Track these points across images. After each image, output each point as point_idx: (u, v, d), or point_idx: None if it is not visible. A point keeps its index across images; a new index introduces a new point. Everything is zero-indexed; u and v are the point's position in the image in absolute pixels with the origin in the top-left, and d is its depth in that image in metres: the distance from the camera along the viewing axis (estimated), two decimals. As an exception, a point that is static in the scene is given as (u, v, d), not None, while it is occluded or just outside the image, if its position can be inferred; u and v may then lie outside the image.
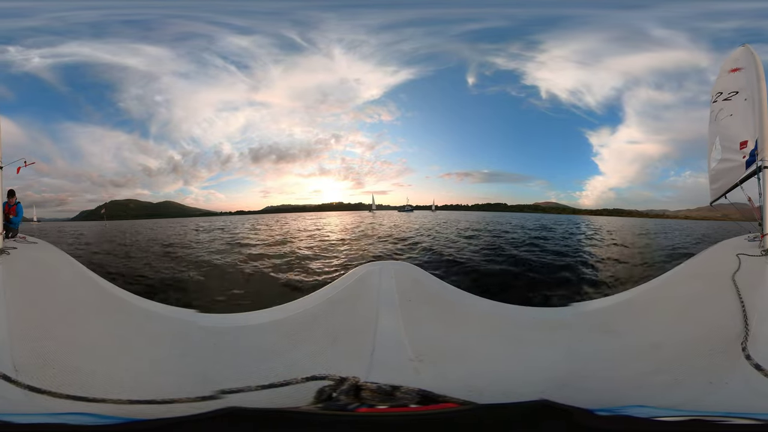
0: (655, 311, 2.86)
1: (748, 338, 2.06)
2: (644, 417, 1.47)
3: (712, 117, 4.76)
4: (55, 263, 3.93)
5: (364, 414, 1.48)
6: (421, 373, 1.96)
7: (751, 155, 3.78)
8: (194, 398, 1.63)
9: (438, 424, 1.49)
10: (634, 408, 1.51)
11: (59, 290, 3.11)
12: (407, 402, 1.52)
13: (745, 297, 2.48)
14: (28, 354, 1.95)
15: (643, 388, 1.87)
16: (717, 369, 1.90)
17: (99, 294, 3.19)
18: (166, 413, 1.55)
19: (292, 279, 9.84)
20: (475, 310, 2.89)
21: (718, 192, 4.63)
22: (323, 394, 1.57)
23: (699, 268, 3.60)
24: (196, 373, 2.01)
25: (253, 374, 1.86)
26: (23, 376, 1.73)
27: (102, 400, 1.59)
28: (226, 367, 2.10)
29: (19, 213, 5.20)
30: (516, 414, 1.58)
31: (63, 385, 1.72)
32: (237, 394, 1.66)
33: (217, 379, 1.80)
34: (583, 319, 2.80)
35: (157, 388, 1.80)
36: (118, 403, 1.59)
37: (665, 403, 1.68)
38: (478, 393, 1.73)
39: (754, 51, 4.32)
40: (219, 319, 2.90)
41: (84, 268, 3.77)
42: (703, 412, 1.55)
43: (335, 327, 2.55)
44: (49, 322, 2.36)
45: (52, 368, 1.87)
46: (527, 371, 2.10)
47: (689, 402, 1.69)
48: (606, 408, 1.50)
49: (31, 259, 3.81)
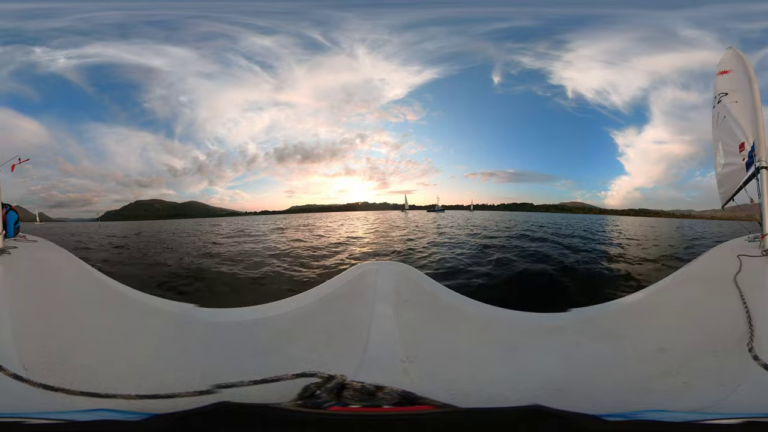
0: (657, 315, 2.81)
1: (754, 339, 2.03)
2: (666, 420, 1.42)
3: (714, 121, 4.83)
4: (56, 261, 3.94)
5: (332, 413, 1.46)
6: (410, 375, 1.93)
7: (749, 157, 3.83)
8: (193, 392, 1.63)
9: (407, 426, 1.46)
10: (650, 413, 1.46)
11: (61, 287, 3.11)
12: (384, 402, 1.49)
13: (748, 298, 2.44)
14: (36, 352, 1.94)
15: (651, 392, 1.83)
16: (725, 371, 1.87)
17: (100, 290, 3.20)
18: (170, 407, 1.55)
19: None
20: (471, 314, 2.84)
21: (725, 196, 4.66)
22: (308, 391, 1.55)
23: (699, 271, 3.57)
24: (195, 368, 1.99)
25: (248, 369, 1.84)
26: (33, 375, 1.73)
27: (114, 396, 1.59)
28: (224, 362, 2.11)
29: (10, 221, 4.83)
30: (501, 419, 1.54)
31: (74, 381, 1.71)
32: (231, 389, 1.65)
33: (215, 374, 1.79)
34: (581, 324, 2.74)
35: (159, 382, 1.81)
36: (128, 398, 1.59)
37: (678, 407, 1.64)
38: (463, 396, 1.71)
39: (742, 53, 4.40)
40: (218, 314, 2.90)
41: (85, 265, 3.79)
42: (721, 414, 1.49)
43: (330, 325, 2.54)
44: (52, 319, 2.36)
45: (60, 365, 1.86)
46: (521, 376, 2.05)
47: (703, 406, 1.64)
48: (615, 413, 1.45)
49: (31, 258, 3.80)
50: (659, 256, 15.37)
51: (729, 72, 4.39)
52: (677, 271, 3.60)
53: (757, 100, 3.91)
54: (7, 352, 1.91)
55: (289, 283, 10.01)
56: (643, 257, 15.16)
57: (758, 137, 3.68)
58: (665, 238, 26.39)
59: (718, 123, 4.64)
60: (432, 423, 1.47)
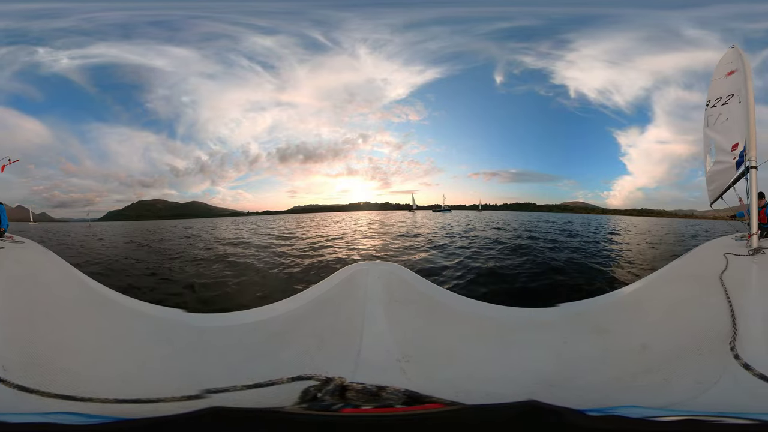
0: (643, 311, 2.85)
1: (736, 338, 2.09)
2: (636, 417, 1.46)
3: (705, 123, 4.85)
4: (42, 263, 3.91)
5: (348, 414, 1.47)
6: (407, 374, 1.94)
7: (740, 156, 3.86)
8: (180, 397, 1.62)
9: (425, 424, 1.48)
10: (626, 408, 1.50)
11: (46, 289, 3.09)
12: (393, 402, 1.51)
13: (733, 297, 2.50)
14: (16, 353, 1.94)
15: (632, 388, 1.89)
16: (706, 369, 1.92)
17: (86, 293, 3.17)
18: (152, 412, 1.55)
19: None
20: (462, 311, 2.87)
21: (714, 194, 4.71)
22: (308, 395, 1.55)
23: (686, 269, 3.61)
24: (182, 373, 1.99)
25: (239, 374, 1.84)
26: (11, 376, 1.73)
27: (90, 399, 1.59)
28: (212, 367, 2.10)
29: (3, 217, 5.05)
30: (505, 415, 1.57)
31: (51, 384, 1.71)
32: (222, 394, 1.65)
33: (203, 379, 1.78)
34: (570, 320, 2.79)
35: (144, 387, 1.80)
36: (105, 402, 1.59)
37: (656, 403, 1.70)
38: (465, 394, 1.72)
39: (742, 52, 4.42)
40: (206, 319, 2.88)
41: (71, 267, 3.75)
42: (695, 411, 1.55)
43: (322, 327, 2.52)
44: (35, 321, 2.35)
45: (40, 367, 1.87)
46: (515, 372, 2.09)
47: (680, 402, 1.69)
48: (596, 408, 1.50)
49: (17, 259, 3.80)
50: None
51: (736, 72, 4.38)
52: (665, 267, 3.64)
53: (751, 99, 3.92)
54: None
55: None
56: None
57: (749, 136, 3.71)
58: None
59: (714, 124, 4.67)
60: (444, 420, 1.50)
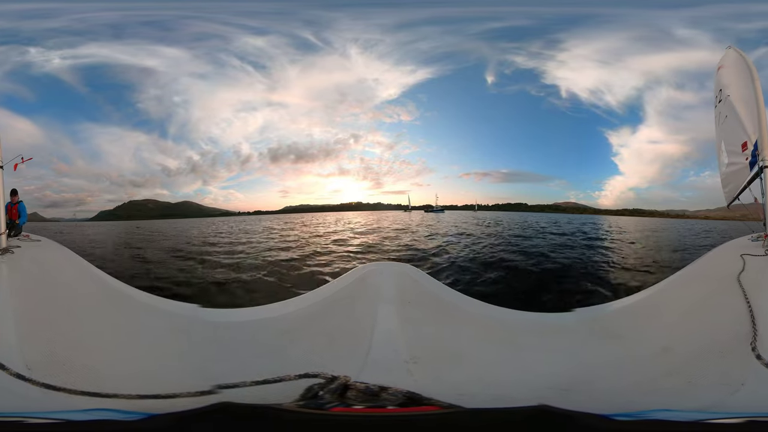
0: (661, 315, 2.81)
1: (757, 338, 2.04)
2: (669, 420, 1.43)
3: (716, 121, 4.82)
4: (59, 260, 3.94)
5: (336, 413, 1.46)
6: (414, 375, 1.92)
7: (752, 156, 3.82)
8: (194, 393, 1.62)
9: (414, 426, 1.47)
10: (656, 412, 1.46)
11: (64, 287, 3.11)
12: (389, 403, 1.48)
13: (752, 297, 2.45)
14: (39, 352, 1.95)
15: (656, 392, 1.84)
16: (729, 370, 1.88)
17: (103, 290, 3.21)
18: (169, 408, 1.55)
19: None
20: (474, 314, 2.84)
21: (730, 195, 4.65)
22: (311, 392, 1.55)
23: (703, 271, 3.57)
24: (196, 368, 2.00)
25: (250, 370, 1.84)
26: (36, 374, 1.73)
27: (114, 396, 1.60)
28: (224, 362, 2.11)
29: (23, 212, 5.20)
30: (507, 419, 1.54)
31: (76, 381, 1.72)
32: (232, 390, 1.65)
33: (216, 374, 1.79)
34: (586, 325, 2.75)
35: (162, 382, 1.81)
36: (129, 398, 1.59)
37: (682, 406, 1.64)
38: (470, 397, 1.69)
39: (742, 52, 4.39)
40: (220, 314, 2.91)
41: (88, 264, 3.80)
42: (724, 413, 1.50)
43: (333, 325, 2.53)
44: (56, 320, 2.37)
45: (63, 365, 1.88)
46: (528, 376, 2.06)
47: (707, 405, 1.65)
48: (624, 413, 1.46)
49: (35, 258, 3.80)
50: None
51: (724, 68, 4.37)
52: (681, 270, 3.60)
53: (760, 99, 3.89)
54: (10, 352, 1.91)
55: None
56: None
57: (761, 136, 3.67)
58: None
59: (721, 122, 4.63)
60: (437, 423, 1.47)
